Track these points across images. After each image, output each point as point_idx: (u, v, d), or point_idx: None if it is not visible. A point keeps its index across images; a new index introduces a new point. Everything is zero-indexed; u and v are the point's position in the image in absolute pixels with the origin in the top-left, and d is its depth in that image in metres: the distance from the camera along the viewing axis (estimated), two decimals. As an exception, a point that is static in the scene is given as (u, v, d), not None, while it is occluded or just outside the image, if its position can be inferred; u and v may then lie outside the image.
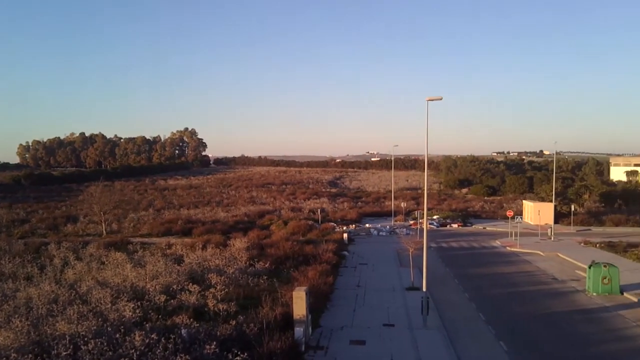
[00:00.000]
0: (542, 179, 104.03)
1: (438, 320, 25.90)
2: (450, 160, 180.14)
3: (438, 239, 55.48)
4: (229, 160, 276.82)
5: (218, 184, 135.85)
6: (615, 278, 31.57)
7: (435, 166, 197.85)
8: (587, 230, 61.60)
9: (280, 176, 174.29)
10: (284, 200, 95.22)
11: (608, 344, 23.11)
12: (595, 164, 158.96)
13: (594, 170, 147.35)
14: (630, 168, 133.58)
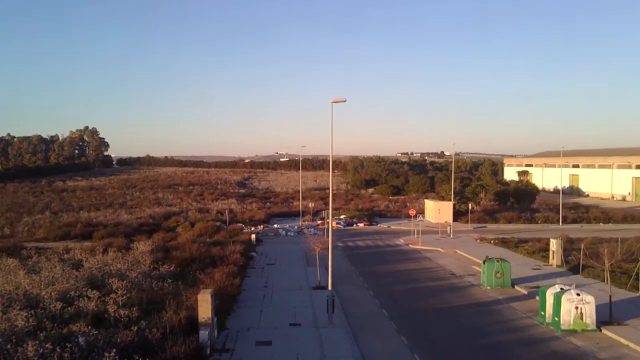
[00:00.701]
0: (442, 178, 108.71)
1: (343, 317, 26.48)
2: (357, 160, 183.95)
3: (345, 238, 56.58)
4: (134, 160, 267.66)
5: (121, 185, 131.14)
6: (507, 272, 33.62)
7: (342, 167, 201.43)
8: (483, 227, 65.09)
9: (188, 177, 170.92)
10: (191, 201, 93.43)
11: (500, 334, 24.61)
12: (490, 165, 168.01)
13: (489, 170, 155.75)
14: (521, 168, 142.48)
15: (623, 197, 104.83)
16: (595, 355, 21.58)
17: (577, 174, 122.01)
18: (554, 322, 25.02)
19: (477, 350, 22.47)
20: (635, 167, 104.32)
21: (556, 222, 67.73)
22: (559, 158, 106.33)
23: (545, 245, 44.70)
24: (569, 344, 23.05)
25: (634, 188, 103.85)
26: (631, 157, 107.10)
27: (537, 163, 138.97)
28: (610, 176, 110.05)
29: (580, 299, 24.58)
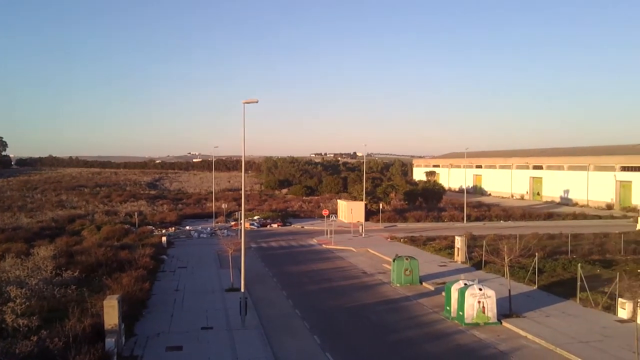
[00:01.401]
0: (355, 179, 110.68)
1: (256, 319, 26.37)
2: (271, 161, 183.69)
3: (258, 239, 56.36)
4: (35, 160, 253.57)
5: (21, 187, 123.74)
6: (415, 269, 34.78)
7: (256, 167, 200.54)
8: (393, 226, 66.94)
9: (94, 178, 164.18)
10: (98, 203, 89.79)
11: (409, 330, 25.41)
12: (400, 165, 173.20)
13: (399, 171, 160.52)
14: (429, 169, 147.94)
15: (522, 195, 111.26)
16: (496, 346, 22.77)
17: (480, 174, 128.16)
18: (459, 317, 26.17)
19: (388, 346, 23.08)
20: (532, 168, 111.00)
21: (461, 220, 70.77)
22: (463, 159, 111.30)
23: (451, 243, 46.58)
24: (472, 337, 24.18)
25: (531, 187, 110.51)
26: (529, 158, 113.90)
27: (444, 164, 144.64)
28: (510, 176, 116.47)
29: (482, 293, 25.85)
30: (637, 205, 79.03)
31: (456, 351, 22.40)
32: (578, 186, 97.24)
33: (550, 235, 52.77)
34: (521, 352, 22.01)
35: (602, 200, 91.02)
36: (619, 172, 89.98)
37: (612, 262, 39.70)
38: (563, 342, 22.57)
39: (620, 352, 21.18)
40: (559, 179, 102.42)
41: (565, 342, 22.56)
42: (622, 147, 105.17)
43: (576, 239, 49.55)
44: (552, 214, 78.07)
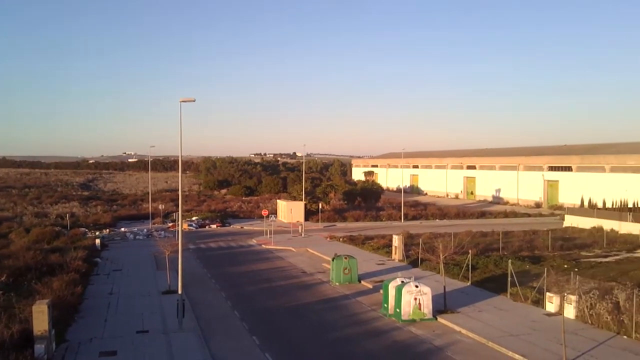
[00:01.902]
0: (294, 179, 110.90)
1: (194, 321, 25.97)
2: (209, 161, 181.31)
3: (197, 240, 55.55)
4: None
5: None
6: (354, 268, 35.18)
7: (195, 167, 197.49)
8: (332, 225, 67.43)
9: (23, 178, 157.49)
10: (27, 205, 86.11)
11: (347, 328, 25.67)
12: (340, 165, 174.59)
13: (338, 171, 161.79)
14: (368, 169, 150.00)
15: (456, 195, 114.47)
16: (431, 342, 23.33)
17: (416, 174, 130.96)
18: (396, 314, 26.66)
19: (327, 344, 23.24)
20: (466, 168, 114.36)
21: (399, 219, 72.09)
22: (400, 159, 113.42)
23: (388, 242, 47.34)
24: (409, 333, 24.69)
25: (465, 187, 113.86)
26: (463, 159, 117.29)
27: (382, 164, 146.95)
28: (445, 176, 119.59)
29: (418, 290, 26.44)
30: (563, 204, 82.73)
31: (393, 347, 22.81)
32: (509, 185, 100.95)
33: (483, 233, 54.55)
34: (455, 346, 22.65)
35: (531, 199, 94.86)
36: (546, 172, 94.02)
37: (540, 258, 41.43)
38: (495, 336, 23.38)
39: (548, 344, 22.13)
40: (491, 178, 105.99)
41: (497, 336, 23.38)
42: (550, 147, 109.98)
43: (507, 236, 51.45)
44: (485, 212, 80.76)
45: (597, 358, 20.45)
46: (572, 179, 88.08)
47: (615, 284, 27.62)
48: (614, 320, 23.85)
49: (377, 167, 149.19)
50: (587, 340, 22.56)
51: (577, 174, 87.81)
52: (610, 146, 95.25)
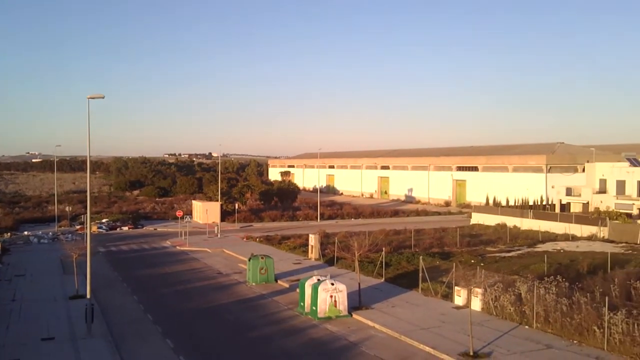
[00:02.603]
0: (210, 179, 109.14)
1: (104, 326, 25.04)
2: (120, 161, 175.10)
3: (107, 243, 53.58)
4: None
5: None
6: (270, 268, 35.19)
7: (105, 168, 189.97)
8: (249, 226, 67.07)
9: None
10: None
11: (264, 327, 25.64)
12: (256, 165, 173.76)
13: (255, 171, 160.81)
14: (284, 169, 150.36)
15: (371, 194, 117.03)
16: (346, 338, 23.76)
17: (332, 174, 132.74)
18: (312, 311, 26.94)
19: (243, 344, 23.12)
20: (380, 168, 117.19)
21: (315, 219, 72.82)
22: (317, 159, 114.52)
23: (305, 241, 47.71)
24: (325, 330, 25.01)
25: (379, 186, 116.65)
26: (377, 159, 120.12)
27: (298, 164, 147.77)
28: (360, 176, 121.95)
29: (334, 288, 26.85)
30: (470, 202, 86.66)
31: (309, 345, 23.04)
32: (420, 185, 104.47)
33: (396, 231, 56.15)
34: (370, 341, 23.19)
35: (441, 198, 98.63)
36: (455, 171, 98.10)
37: (449, 254, 43.18)
38: (407, 330, 24.15)
39: (456, 336, 23.12)
40: (404, 178, 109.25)
41: (408, 330, 24.17)
42: (458, 148, 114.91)
43: (419, 234, 53.31)
44: (398, 211, 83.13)
45: (501, 347, 21.59)
46: (479, 179, 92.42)
47: (517, 277, 29.21)
48: (517, 311, 25.27)
49: (293, 167, 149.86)
50: (492, 330, 23.78)
51: (483, 173, 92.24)
52: (513, 147, 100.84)
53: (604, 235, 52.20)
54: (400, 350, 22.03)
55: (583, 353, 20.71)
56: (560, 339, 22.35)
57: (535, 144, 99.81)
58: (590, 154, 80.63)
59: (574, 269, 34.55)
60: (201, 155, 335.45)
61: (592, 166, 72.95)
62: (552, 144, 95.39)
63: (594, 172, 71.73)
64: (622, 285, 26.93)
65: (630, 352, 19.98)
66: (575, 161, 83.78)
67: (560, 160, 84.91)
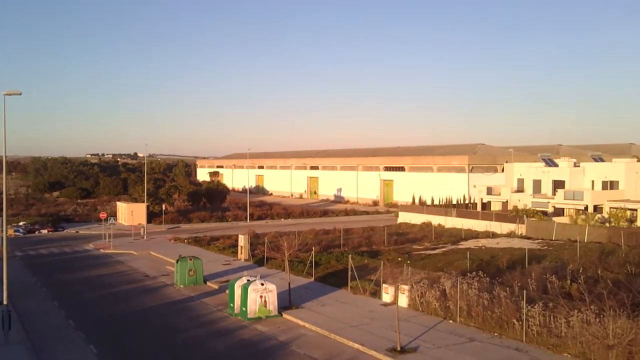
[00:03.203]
0: (136, 180, 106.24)
1: (22, 334, 23.89)
2: (39, 161, 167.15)
3: (25, 247, 51.12)
4: None
5: None
6: (199, 269, 34.70)
7: (22, 168, 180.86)
8: (177, 227, 65.78)
9: None
10: None
11: (192, 330, 25.25)
12: (184, 166, 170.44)
13: (183, 172, 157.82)
14: (213, 169, 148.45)
15: (300, 194, 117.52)
16: (276, 338, 23.80)
17: (262, 175, 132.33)
18: (242, 312, 26.79)
19: (171, 348, 22.69)
20: (309, 168, 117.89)
21: (244, 219, 72.34)
22: (246, 160, 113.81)
23: (234, 242, 47.33)
24: (255, 330, 24.94)
25: (309, 186, 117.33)
26: (306, 159, 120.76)
27: (227, 164, 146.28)
28: (289, 176, 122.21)
29: (264, 288, 26.82)
30: (397, 202, 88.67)
31: (239, 346, 22.91)
32: (349, 185, 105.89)
33: (325, 231, 56.71)
34: (300, 340, 23.33)
35: (369, 198, 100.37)
36: (382, 172, 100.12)
37: (377, 252, 44.04)
38: (336, 328, 24.47)
39: (384, 332, 23.65)
40: (333, 178, 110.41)
41: (338, 328, 24.49)
42: (385, 149, 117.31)
43: (348, 233, 54.09)
44: (327, 211, 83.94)
45: (427, 342, 22.27)
46: (405, 179, 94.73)
47: (442, 273, 30.20)
48: (441, 307, 26.14)
49: (222, 167, 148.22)
50: (419, 326, 24.48)
51: (409, 173, 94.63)
52: (438, 148, 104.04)
53: (522, 232, 54.78)
54: (330, 348, 22.29)
55: (503, 345, 21.69)
56: (482, 332, 23.31)
57: (458, 145, 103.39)
58: (509, 154, 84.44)
59: (495, 264, 36.09)
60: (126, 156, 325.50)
61: (511, 166, 76.46)
62: (474, 145, 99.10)
63: (512, 172, 75.21)
64: (539, 279, 28.36)
65: (547, 343, 21.10)
66: (495, 161, 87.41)
67: (481, 160, 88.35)
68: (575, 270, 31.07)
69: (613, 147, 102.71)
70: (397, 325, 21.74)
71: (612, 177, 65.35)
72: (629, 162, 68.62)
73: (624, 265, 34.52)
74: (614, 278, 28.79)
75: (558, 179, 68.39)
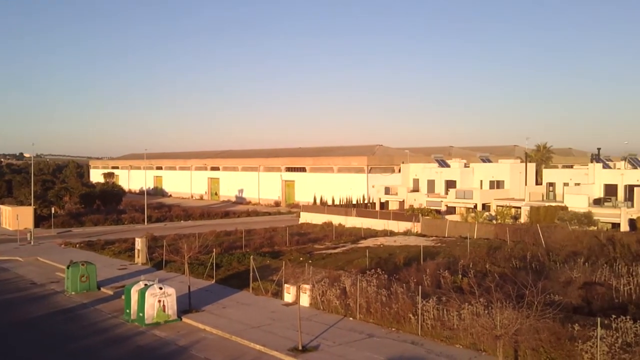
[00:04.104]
0: (22, 182, 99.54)
1: None
2: None
3: None
4: None
5: None
6: (92, 275, 33.08)
7: None
8: (68, 231, 62.40)
9: None
10: None
11: (86, 338, 24.04)
12: (75, 167, 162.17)
13: (74, 173, 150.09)
14: (108, 170, 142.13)
15: (201, 196, 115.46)
16: (176, 343, 23.20)
17: (160, 176, 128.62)
18: (139, 318, 25.87)
19: (63, 357, 21.51)
20: (210, 169, 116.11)
21: (142, 222, 69.99)
22: (143, 160, 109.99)
23: (131, 245, 45.66)
24: (153, 336, 24.17)
25: (209, 188, 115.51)
26: (207, 160, 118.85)
27: (123, 165, 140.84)
28: (189, 177, 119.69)
29: (162, 292, 26.05)
30: (299, 202, 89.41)
31: (136, 353, 22.13)
32: (251, 186, 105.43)
33: (227, 232, 56.11)
34: (200, 344, 22.90)
35: (271, 198, 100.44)
36: (284, 172, 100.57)
37: (279, 252, 44.16)
38: (238, 330, 24.26)
39: (286, 332, 23.75)
40: (234, 179, 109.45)
41: (239, 330, 24.29)
42: (287, 149, 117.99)
43: (249, 234, 53.82)
44: (229, 212, 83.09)
45: (328, 340, 22.62)
46: (306, 179, 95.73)
47: (342, 272, 30.74)
48: (342, 305, 26.65)
49: (118, 168, 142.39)
50: (320, 324, 24.81)
51: (311, 174, 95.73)
52: (338, 149, 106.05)
53: (417, 230, 57.06)
54: (231, 350, 22.07)
55: (400, 339, 22.48)
56: (381, 328, 24.04)
57: (357, 146, 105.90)
58: (405, 155, 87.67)
59: (392, 262, 37.30)
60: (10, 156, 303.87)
61: (407, 167, 79.54)
62: (372, 146, 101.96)
63: (408, 172, 78.28)
64: (433, 274, 29.67)
65: (440, 336, 22.12)
66: (392, 162, 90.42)
67: (380, 161, 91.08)
68: (466, 265, 32.81)
69: (499, 148, 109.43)
70: (298, 325, 21.90)
71: (499, 177, 69.77)
72: (513, 162, 73.61)
73: (509, 259, 36.89)
74: (501, 272, 30.68)
75: (450, 179, 72.01)
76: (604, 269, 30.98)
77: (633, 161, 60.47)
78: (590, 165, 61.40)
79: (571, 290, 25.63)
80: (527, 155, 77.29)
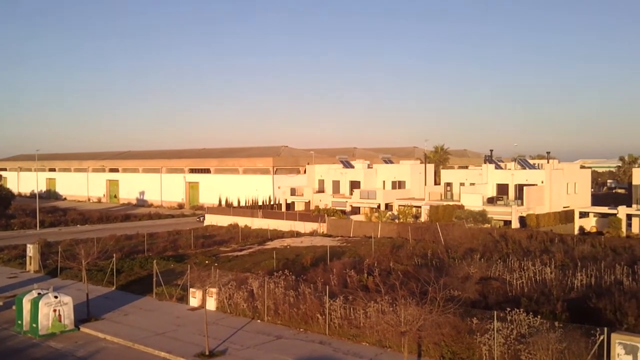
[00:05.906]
0: None
1: None
2: None
3: None
4: None
5: None
6: (-22, 285, 30.65)
7: None
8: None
9: None
10: None
11: (-29, 354, 22.25)
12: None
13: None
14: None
15: (99, 198, 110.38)
16: (73, 354, 21.96)
17: (54, 178, 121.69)
18: (32, 329, 24.25)
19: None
20: (109, 171, 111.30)
21: (34, 226, 65.90)
22: (34, 162, 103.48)
23: (22, 252, 42.89)
24: (49, 348, 22.75)
25: (108, 190, 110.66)
26: (105, 161, 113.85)
27: (12, 167, 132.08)
28: (86, 179, 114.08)
29: (58, 301, 24.57)
30: (204, 204, 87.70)
31: (30, 367, 20.73)
32: (153, 188, 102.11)
33: (127, 236, 53.98)
34: (100, 354, 21.83)
35: (174, 200, 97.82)
36: (188, 174, 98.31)
37: (184, 256, 43.08)
38: (140, 337, 23.36)
39: (192, 337, 23.17)
40: (135, 181, 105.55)
41: (142, 337, 23.39)
42: (191, 151, 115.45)
43: (152, 237, 52.11)
44: (130, 215, 79.99)
45: (236, 343, 22.31)
46: (211, 181, 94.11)
47: (249, 274, 30.47)
48: (250, 307, 26.39)
49: (6, 170, 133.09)
50: (227, 328, 24.42)
51: (215, 175, 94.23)
52: (243, 150, 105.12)
53: (323, 230, 57.73)
54: (134, 359, 21.21)
55: (308, 339, 22.59)
56: (289, 329, 24.04)
57: (262, 147, 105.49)
58: (310, 156, 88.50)
59: (300, 262, 37.50)
60: None
61: (312, 168, 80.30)
62: (278, 147, 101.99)
63: (313, 173, 79.04)
64: (340, 274, 30.06)
65: (347, 334, 22.45)
66: (298, 163, 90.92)
67: (285, 162, 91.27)
68: (371, 264, 33.54)
69: (400, 149, 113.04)
70: (205, 329, 21.43)
71: (400, 178, 72.09)
72: (413, 163, 76.42)
73: (412, 257, 38.19)
74: (404, 270, 31.65)
75: (354, 179, 73.52)
76: (498, 264, 32.83)
77: (522, 162, 64.55)
78: (484, 166, 64.83)
79: (469, 286, 26.86)
80: (426, 156, 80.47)
